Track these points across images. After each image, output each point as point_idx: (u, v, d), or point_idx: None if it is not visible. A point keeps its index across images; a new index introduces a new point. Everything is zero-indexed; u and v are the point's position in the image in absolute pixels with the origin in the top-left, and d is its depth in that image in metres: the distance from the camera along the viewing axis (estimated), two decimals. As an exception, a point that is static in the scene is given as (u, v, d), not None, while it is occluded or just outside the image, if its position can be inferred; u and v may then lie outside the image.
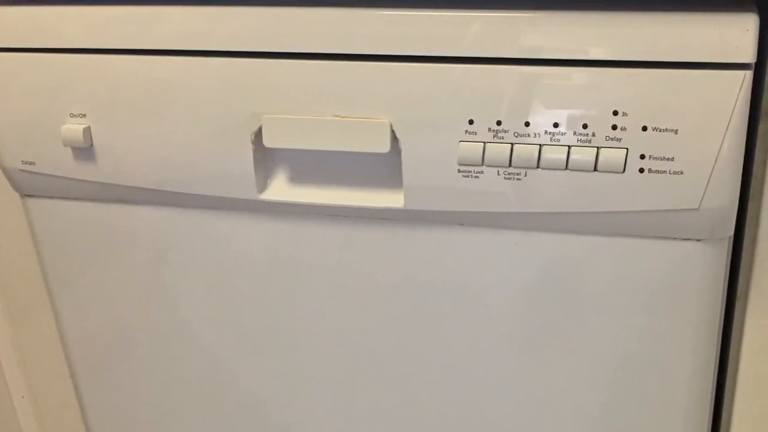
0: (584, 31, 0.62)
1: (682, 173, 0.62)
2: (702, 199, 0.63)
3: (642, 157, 0.63)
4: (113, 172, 0.75)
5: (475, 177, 0.66)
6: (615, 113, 0.62)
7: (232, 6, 0.68)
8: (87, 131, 0.73)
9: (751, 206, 0.66)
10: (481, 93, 0.64)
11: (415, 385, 0.79)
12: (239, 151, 0.70)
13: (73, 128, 0.73)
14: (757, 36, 0.59)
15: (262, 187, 0.72)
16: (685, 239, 0.66)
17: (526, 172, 0.65)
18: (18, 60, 0.73)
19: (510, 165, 0.65)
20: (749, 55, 0.59)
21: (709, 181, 0.62)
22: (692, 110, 0.61)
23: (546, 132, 0.64)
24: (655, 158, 0.62)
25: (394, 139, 0.67)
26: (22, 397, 0.99)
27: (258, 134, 0.69)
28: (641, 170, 0.63)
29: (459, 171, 0.66)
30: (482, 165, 0.66)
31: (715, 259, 0.67)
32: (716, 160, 0.61)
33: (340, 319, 0.77)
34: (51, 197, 0.79)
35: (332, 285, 0.76)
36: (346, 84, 0.66)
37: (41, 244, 0.82)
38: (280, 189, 0.72)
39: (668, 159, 0.62)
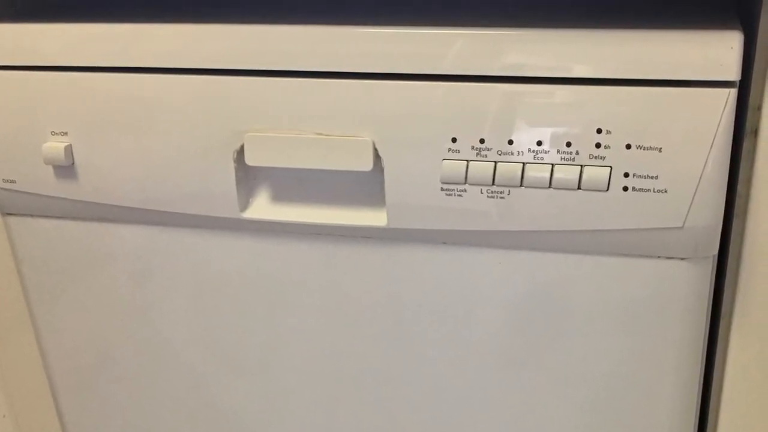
0: (568, 49, 0.62)
1: (666, 192, 0.62)
2: (686, 217, 0.63)
3: (626, 175, 0.62)
4: (95, 191, 0.74)
5: (459, 195, 0.66)
6: (599, 131, 0.62)
7: (214, 24, 0.67)
8: (68, 149, 0.73)
9: (735, 225, 0.66)
10: (464, 111, 0.64)
11: (398, 403, 0.78)
12: (221, 169, 0.70)
13: (55, 146, 0.72)
14: (742, 54, 0.59)
15: (244, 205, 0.72)
16: (669, 258, 0.66)
17: (509, 191, 0.65)
18: (-2, 77, 0.73)
19: (493, 183, 0.65)
20: (734, 73, 0.59)
21: (693, 200, 0.62)
22: (676, 128, 0.61)
23: (529, 150, 0.63)
24: (639, 176, 0.62)
25: (377, 157, 0.66)
26: (3, 416, 0.98)
27: (240, 152, 0.69)
28: (625, 188, 0.63)
29: (442, 189, 0.66)
30: (465, 183, 0.65)
31: (699, 278, 0.67)
32: (700, 179, 0.61)
33: (323, 338, 0.77)
34: (32, 215, 0.79)
35: (315, 304, 0.75)
36: (329, 102, 0.66)
37: (22, 262, 0.82)
38: (262, 207, 0.72)
39: (652, 177, 0.62)
